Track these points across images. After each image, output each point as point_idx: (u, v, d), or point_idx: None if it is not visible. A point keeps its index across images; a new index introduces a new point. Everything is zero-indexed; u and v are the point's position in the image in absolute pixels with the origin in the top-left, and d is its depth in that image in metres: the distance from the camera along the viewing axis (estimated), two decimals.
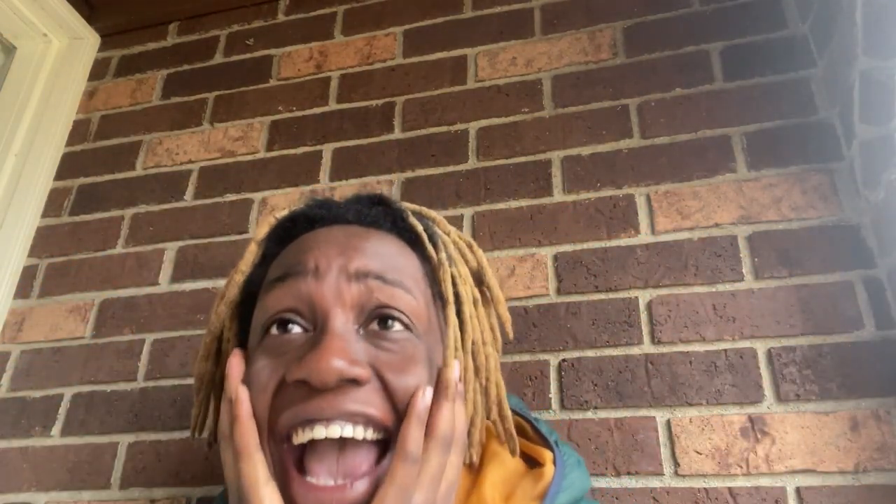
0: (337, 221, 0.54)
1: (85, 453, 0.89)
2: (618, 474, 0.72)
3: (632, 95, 0.93)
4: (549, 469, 0.54)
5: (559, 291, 0.83)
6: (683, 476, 0.70)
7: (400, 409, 0.45)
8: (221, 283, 0.96)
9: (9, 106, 1.17)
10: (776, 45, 0.90)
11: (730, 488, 0.69)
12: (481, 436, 0.55)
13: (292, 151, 1.04)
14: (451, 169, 0.95)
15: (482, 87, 1.00)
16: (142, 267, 1.01)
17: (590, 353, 0.79)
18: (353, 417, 0.43)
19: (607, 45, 0.98)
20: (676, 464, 0.71)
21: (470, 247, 0.58)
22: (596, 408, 0.76)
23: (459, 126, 0.98)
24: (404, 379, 0.45)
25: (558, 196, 0.89)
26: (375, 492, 0.42)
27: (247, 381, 0.47)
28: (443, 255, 0.53)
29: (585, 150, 0.91)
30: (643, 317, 0.79)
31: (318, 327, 0.46)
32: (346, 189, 0.98)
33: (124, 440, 0.88)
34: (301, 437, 0.43)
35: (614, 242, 0.84)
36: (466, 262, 0.56)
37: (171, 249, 1.01)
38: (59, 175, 1.14)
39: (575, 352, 0.79)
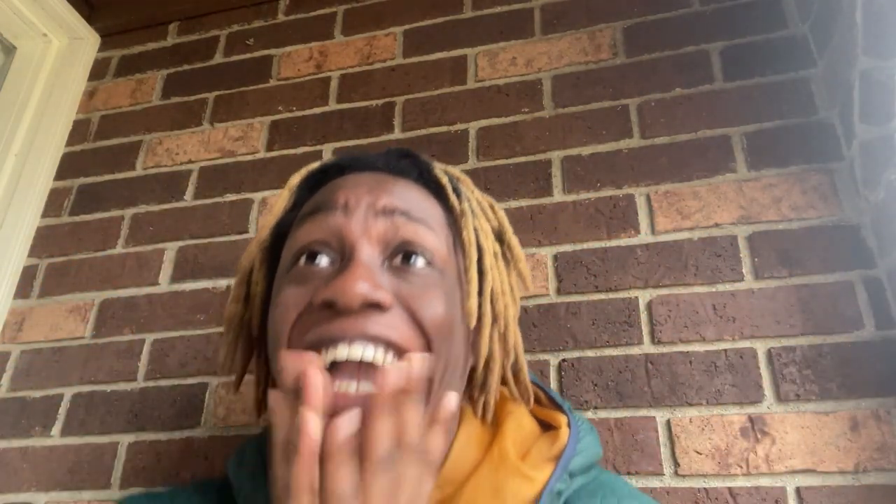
0: (367, 169, 0.56)
1: (85, 453, 0.89)
2: (618, 474, 0.72)
3: (632, 95, 0.93)
4: (563, 432, 0.55)
5: (559, 291, 0.83)
6: (683, 476, 0.70)
7: (427, 335, 0.46)
8: (222, 283, 0.96)
9: (9, 106, 1.17)
10: (776, 45, 0.90)
11: (730, 488, 0.69)
12: (497, 387, 0.56)
13: (292, 151, 1.04)
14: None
15: (482, 87, 1.00)
16: (142, 267, 1.01)
17: (590, 353, 0.79)
18: (376, 340, 0.44)
19: (607, 45, 0.98)
20: (676, 464, 0.71)
21: (492, 207, 0.60)
22: (596, 408, 0.76)
23: (459, 126, 0.98)
24: (429, 306, 0.47)
25: (558, 196, 0.89)
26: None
27: (273, 307, 0.49)
28: (465, 205, 0.55)
29: (585, 150, 0.91)
30: (643, 317, 0.79)
31: (344, 258, 0.48)
32: None
33: (124, 440, 0.88)
34: (324, 357, 0.44)
35: (614, 242, 0.84)
36: (488, 220, 0.58)
37: (171, 249, 1.01)
38: (59, 175, 1.14)
39: (575, 352, 0.79)
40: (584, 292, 0.82)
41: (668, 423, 0.73)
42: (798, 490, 0.67)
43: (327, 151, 1.02)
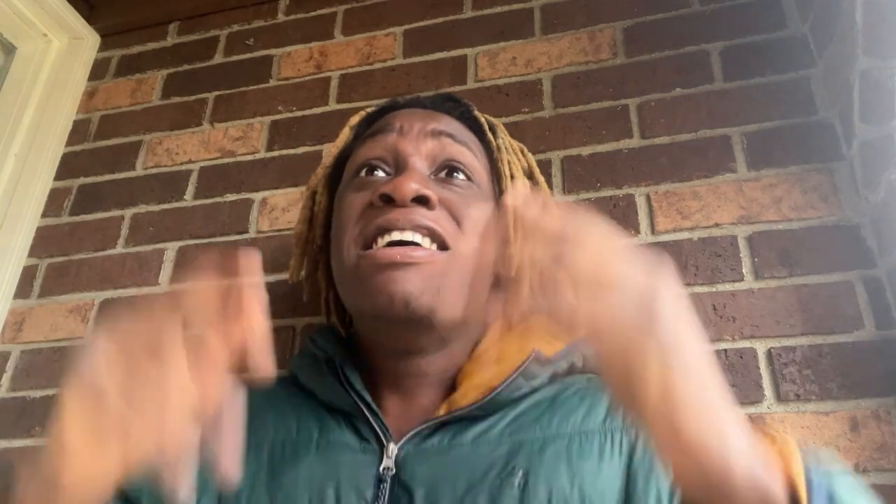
0: (417, 106, 0.67)
1: None
2: None
3: (632, 95, 0.93)
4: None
5: None
6: None
7: (465, 232, 0.56)
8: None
9: (9, 106, 1.17)
10: (776, 45, 0.90)
11: None
12: (526, 300, 0.62)
13: (292, 151, 1.04)
14: None
15: (482, 87, 1.00)
16: (142, 267, 1.01)
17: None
18: (421, 229, 0.55)
19: (607, 45, 0.98)
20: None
21: (522, 150, 0.72)
22: None
23: None
24: (467, 210, 0.57)
25: (558, 196, 0.89)
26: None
27: (336, 211, 0.61)
28: (500, 141, 0.66)
29: (585, 150, 0.91)
30: None
31: (399, 170, 0.59)
32: None
33: None
34: (380, 244, 0.54)
35: None
36: (518, 160, 0.69)
37: (171, 249, 1.01)
38: (59, 175, 1.13)
39: None
40: None
41: None
42: None
43: (327, 151, 1.02)
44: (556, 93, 0.97)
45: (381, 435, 0.54)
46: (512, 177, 0.65)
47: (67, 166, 1.14)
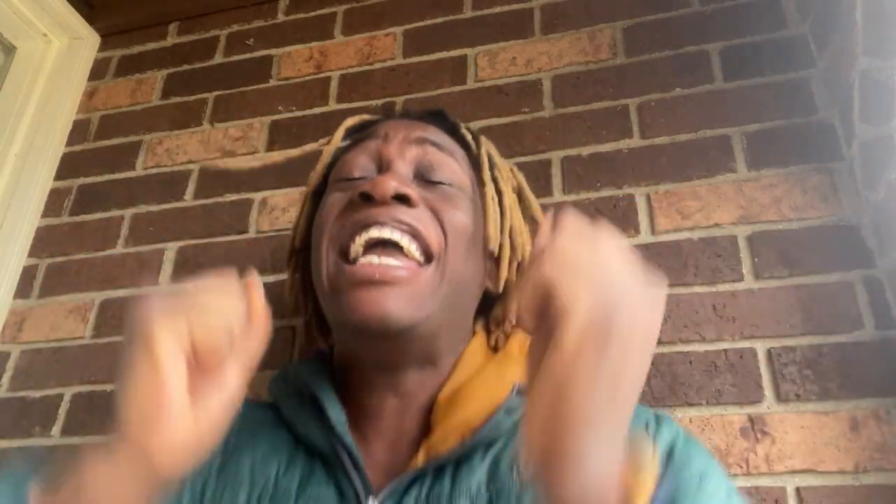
0: (404, 117, 0.67)
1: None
2: None
3: (632, 95, 0.93)
4: None
5: None
6: None
7: (447, 234, 0.55)
8: None
9: (9, 106, 1.17)
10: (776, 45, 0.90)
11: None
12: (510, 320, 0.63)
13: (292, 151, 1.04)
14: None
15: (482, 87, 1.00)
16: (142, 267, 1.01)
17: None
18: (402, 226, 0.53)
19: (607, 45, 0.98)
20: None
21: (511, 169, 0.71)
22: None
23: None
24: (451, 211, 0.56)
25: (558, 196, 0.89)
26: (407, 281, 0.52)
27: (318, 214, 0.60)
28: (483, 150, 0.66)
29: (585, 150, 0.91)
30: None
31: (381, 172, 0.58)
32: None
33: None
34: (358, 242, 0.53)
35: None
36: (507, 176, 0.68)
37: (171, 249, 1.01)
38: (59, 175, 1.13)
39: None
40: None
41: None
42: (798, 490, 0.67)
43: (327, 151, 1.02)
44: (556, 93, 0.97)
45: (359, 491, 0.51)
46: (499, 192, 0.64)
47: (67, 166, 1.14)
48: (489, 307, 0.64)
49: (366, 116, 0.71)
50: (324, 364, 0.62)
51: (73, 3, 1.23)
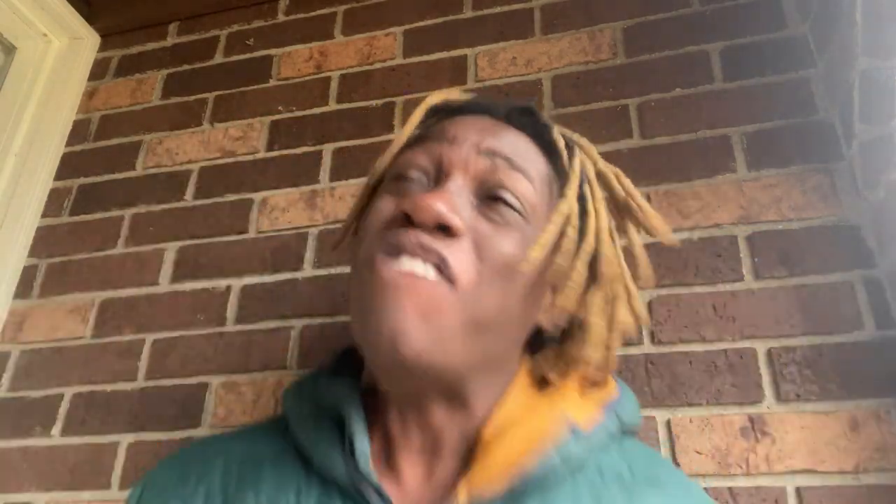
0: (485, 113, 0.57)
1: (85, 453, 0.88)
2: None
3: (632, 95, 0.93)
4: (612, 383, 0.55)
5: None
6: None
7: (484, 270, 0.47)
8: (222, 283, 0.96)
9: (9, 106, 1.17)
10: (776, 45, 0.90)
11: (730, 488, 0.69)
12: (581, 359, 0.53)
13: (292, 151, 1.04)
14: None
15: (482, 87, 1.00)
16: (142, 267, 1.01)
17: None
18: (432, 256, 0.45)
19: (607, 45, 0.98)
20: (676, 463, 0.71)
21: (617, 176, 0.59)
22: None
23: None
24: (499, 243, 0.48)
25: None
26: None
27: (367, 213, 0.53)
28: (577, 163, 0.55)
29: None
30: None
31: (437, 185, 0.51)
32: (346, 189, 0.98)
33: (124, 440, 0.88)
34: (390, 265, 0.46)
35: None
36: (613, 189, 0.58)
37: (171, 249, 1.01)
38: (59, 175, 1.13)
39: None
40: None
41: (668, 423, 0.73)
42: (798, 490, 0.67)
43: (327, 151, 1.02)
44: (556, 93, 0.97)
45: None
46: (596, 213, 0.54)
47: (67, 166, 1.14)
48: (542, 342, 0.56)
49: (452, 95, 0.61)
50: (354, 378, 0.55)
51: (73, 3, 1.23)
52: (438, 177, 0.51)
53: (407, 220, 0.47)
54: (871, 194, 0.76)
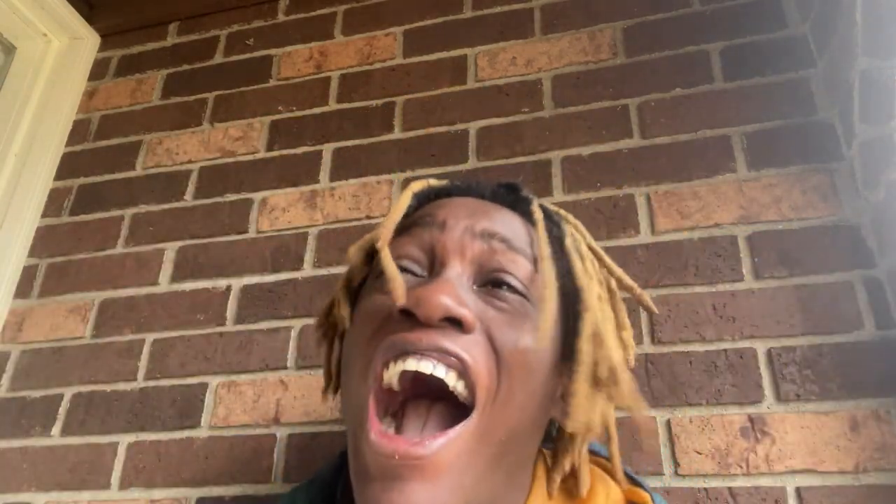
0: (471, 195, 0.54)
1: (85, 453, 0.88)
2: None
3: (632, 95, 0.93)
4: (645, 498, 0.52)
5: None
6: (683, 476, 0.70)
7: (503, 364, 0.43)
8: (221, 283, 0.96)
9: (9, 106, 1.17)
10: (776, 45, 0.90)
11: (730, 488, 0.69)
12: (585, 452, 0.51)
13: (292, 151, 1.04)
14: (451, 169, 0.95)
15: (482, 87, 1.00)
16: (142, 267, 1.01)
17: None
18: (448, 359, 0.42)
19: (607, 45, 0.98)
20: (676, 464, 0.71)
21: (601, 258, 0.57)
22: None
23: (459, 126, 0.98)
24: (514, 335, 0.44)
25: (558, 196, 0.89)
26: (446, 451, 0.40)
27: (356, 312, 0.48)
28: (569, 242, 0.52)
29: (585, 150, 0.91)
30: (643, 317, 0.79)
31: (433, 274, 0.46)
32: (345, 189, 0.98)
33: (124, 440, 0.88)
34: (392, 370, 0.42)
35: (614, 242, 0.84)
36: (595, 266, 0.55)
37: (171, 249, 1.01)
38: (59, 175, 1.14)
39: None
40: None
41: (669, 423, 0.73)
42: (798, 490, 0.67)
43: (327, 151, 1.02)
44: (556, 93, 0.97)
45: None
46: (578, 286, 0.50)
47: (67, 166, 1.14)
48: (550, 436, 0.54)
49: (432, 182, 0.57)
50: (326, 491, 0.53)
51: (73, 3, 1.23)
52: (433, 265, 0.47)
53: (407, 318, 0.43)
54: (871, 194, 0.76)
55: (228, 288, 0.95)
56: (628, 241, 0.84)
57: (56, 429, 0.91)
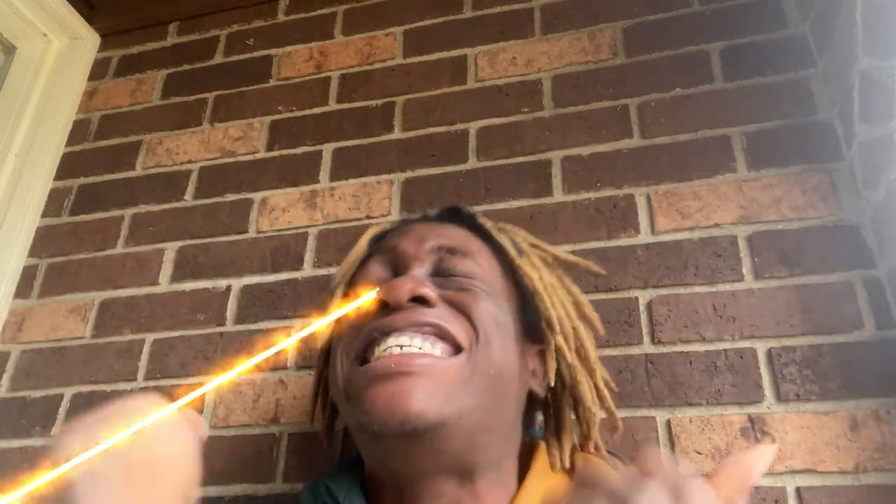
0: (420, 222, 0.63)
1: None
2: None
3: (632, 95, 0.93)
4: None
5: None
6: None
7: (475, 324, 0.50)
8: (221, 283, 0.96)
9: (9, 106, 1.17)
10: (776, 45, 0.90)
11: None
12: (571, 426, 0.59)
13: (292, 151, 1.04)
14: (451, 169, 0.95)
15: (482, 87, 1.00)
16: (142, 267, 1.01)
17: None
18: (423, 328, 0.48)
19: (607, 45, 0.98)
20: (676, 464, 0.71)
21: (545, 251, 0.67)
22: None
23: (459, 126, 0.98)
24: (479, 303, 0.51)
25: (558, 196, 0.89)
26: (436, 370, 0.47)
27: (335, 330, 0.56)
28: (506, 238, 0.62)
29: (585, 150, 0.91)
30: (643, 317, 0.79)
31: (397, 276, 0.54)
32: (346, 189, 0.98)
33: None
34: (377, 352, 0.48)
35: (614, 242, 0.84)
36: (546, 251, 0.66)
37: (171, 249, 1.01)
38: (59, 175, 1.13)
39: None
40: (584, 292, 0.82)
41: (668, 423, 0.73)
42: (798, 490, 0.67)
43: (327, 151, 1.02)
44: (556, 93, 0.97)
45: None
46: (532, 284, 0.59)
47: (67, 166, 1.14)
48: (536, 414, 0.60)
49: (385, 226, 0.67)
50: (355, 475, 0.56)
51: (73, 3, 1.23)
52: (396, 273, 0.55)
53: (380, 309, 0.50)
54: (871, 194, 0.76)
55: (228, 288, 0.95)
56: (628, 241, 0.84)
57: (56, 429, 0.91)
